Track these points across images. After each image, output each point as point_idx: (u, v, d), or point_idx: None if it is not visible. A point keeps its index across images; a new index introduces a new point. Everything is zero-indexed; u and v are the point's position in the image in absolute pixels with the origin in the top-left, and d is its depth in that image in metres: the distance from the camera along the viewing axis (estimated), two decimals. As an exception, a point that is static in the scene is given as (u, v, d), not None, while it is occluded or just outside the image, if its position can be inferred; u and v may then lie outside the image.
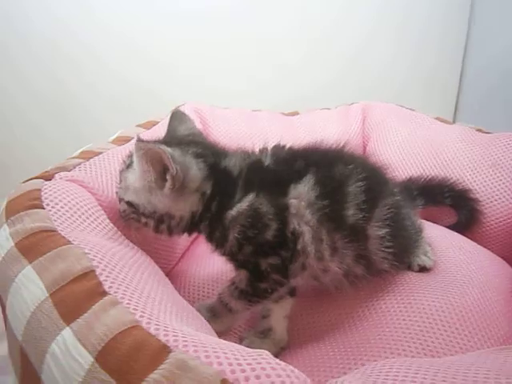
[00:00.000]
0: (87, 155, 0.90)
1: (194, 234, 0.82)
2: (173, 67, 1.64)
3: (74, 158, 0.88)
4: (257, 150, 0.81)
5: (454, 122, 1.39)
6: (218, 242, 0.75)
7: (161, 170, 0.70)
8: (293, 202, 0.71)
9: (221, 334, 0.80)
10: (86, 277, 0.53)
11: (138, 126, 1.13)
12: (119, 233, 0.75)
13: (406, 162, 1.22)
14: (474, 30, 1.73)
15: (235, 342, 0.80)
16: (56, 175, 0.78)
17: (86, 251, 0.57)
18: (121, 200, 0.77)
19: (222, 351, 0.43)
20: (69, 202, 0.70)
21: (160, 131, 0.96)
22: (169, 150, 0.69)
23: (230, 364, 0.41)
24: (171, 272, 1.01)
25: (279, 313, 0.81)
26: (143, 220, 0.75)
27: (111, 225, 0.76)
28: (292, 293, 0.82)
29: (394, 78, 1.78)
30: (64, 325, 0.47)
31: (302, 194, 0.71)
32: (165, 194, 0.71)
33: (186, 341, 0.44)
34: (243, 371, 0.40)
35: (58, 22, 1.51)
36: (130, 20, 1.58)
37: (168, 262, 1.00)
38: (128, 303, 0.50)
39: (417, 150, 1.21)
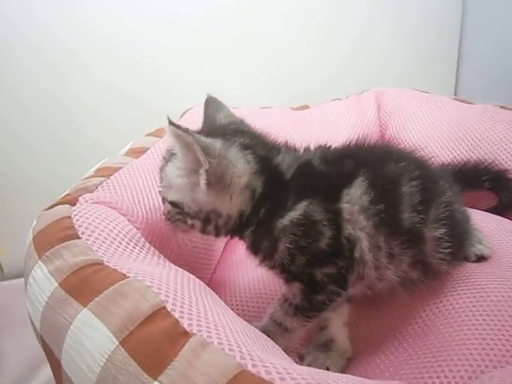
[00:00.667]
0: (106, 172, 0.81)
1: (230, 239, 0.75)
2: (169, 73, 1.55)
3: (91, 177, 0.80)
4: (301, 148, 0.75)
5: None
6: (266, 252, 0.68)
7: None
8: (346, 206, 0.65)
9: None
10: (159, 315, 0.45)
11: (148, 135, 1.04)
12: (158, 253, 0.67)
13: (432, 148, 1.16)
14: (469, 11, 1.71)
15: (295, 361, 0.76)
16: (80, 198, 0.70)
17: (148, 284, 0.49)
18: (164, 200, 0.70)
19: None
20: (105, 227, 0.62)
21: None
22: (207, 140, 0.62)
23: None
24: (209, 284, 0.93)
25: (338, 321, 0.75)
26: (189, 221, 0.68)
27: (151, 247, 0.68)
28: (349, 299, 0.76)
29: (394, 64, 1.74)
30: (151, 379, 0.39)
31: (354, 199, 0.65)
32: (202, 190, 0.64)
33: (308, 383, 0.37)
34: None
35: (43, 28, 1.40)
36: (121, 26, 1.48)
37: (206, 273, 0.92)
38: (219, 342, 0.42)
39: (442, 133, 1.16)
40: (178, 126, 0.59)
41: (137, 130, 1.08)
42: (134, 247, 0.62)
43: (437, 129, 1.18)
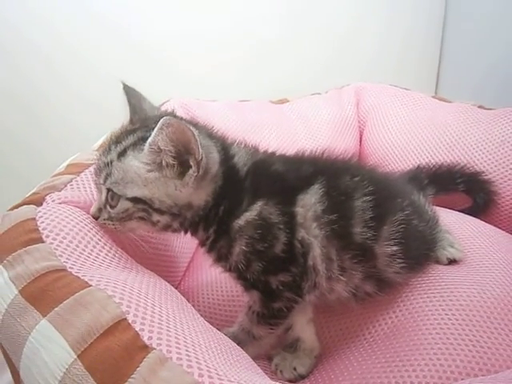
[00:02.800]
0: (76, 169, 0.79)
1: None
2: (154, 62, 1.51)
3: (61, 174, 0.77)
4: (256, 145, 0.74)
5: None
6: (222, 252, 0.68)
7: (179, 155, 0.60)
8: (300, 210, 0.65)
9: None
10: (119, 328, 0.44)
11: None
12: (126, 256, 0.66)
13: (410, 146, 1.16)
14: (451, 10, 1.71)
15: (265, 362, 0.76)
16: (47, 197, 0.67)
17: (110, 293, 0.48)
18: (116, 198, 0.63)
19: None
20: (70, 230, 0.60)
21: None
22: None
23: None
24: (178, 288, 0.92)
25: (302, 320, 0.76)
26: (155, 218, 0.63)
27: (118, 249, 0.66)
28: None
29: (377, 61, 1.73)
30: (107, 396, 0.38)
31: (308, 205, 0.66)
32: (185, 182, 0.61)
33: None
34: None
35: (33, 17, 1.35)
36: (108, 11, 1.44)
37: (175, 276, 0.92)
38: (178, 358, 0.41)
39: (419, 131, 1.16)
40: (175, 116, 0.58)
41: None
42: (100, 251, 0.60)
43: (415, 127, 1.18)
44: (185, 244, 0.95)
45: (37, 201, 0.66)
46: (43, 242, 0.56)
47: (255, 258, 0.65)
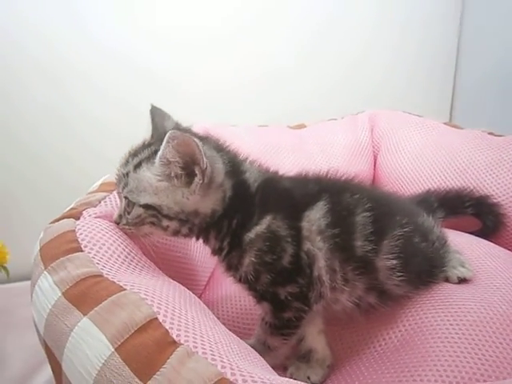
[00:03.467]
0: (108, 188, 0.86)
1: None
2: (171, 85, 1.59)
3: (95, 192, 0.85)
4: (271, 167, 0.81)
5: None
6: (233, 263, 0.73)
7: (186, 165, 0.67)
8: (305, 225, 0.71)
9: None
10: (151, 325, 0.50)
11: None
12: (154, 266, 0.72)
13: (421, 170, 1.21)
14: (465, 35, 1.76)
15: (279, 372, 0.80)
16: (84, 212, 0.75)
17: (142, 296, 0.54)
18: (131, 205, 0.70)
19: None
20: (106, 241, 0.67)
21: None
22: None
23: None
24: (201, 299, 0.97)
25: (313, 331, 0.80)
26: (165, 223, 0.70)
27: (147, 260, 0.72)
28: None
29: (393, 84, 1.80)
30: (141, 383, 0.43)
31: (313, 220, 0.71)
32: (192, 190, 0.68)
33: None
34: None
35: (44, 41, 1.43)
36: (120, 36, 1.53)
37: (198, 288, 0.97)
38: (203, 352, 0.47)
39: (431, 157, 1.21)
40: (179, 129, 0.65)
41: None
42: (131, 260, 0.67)
43: (426, 152, 1.23)
44: (206, 259, 1.01)
45: (75, 215, 0.73)
46: (82, 251, 0.63)
47: (264, 270, 0.70)
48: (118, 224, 0.72)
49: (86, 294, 0.55)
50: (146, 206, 0.69)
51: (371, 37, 1.78)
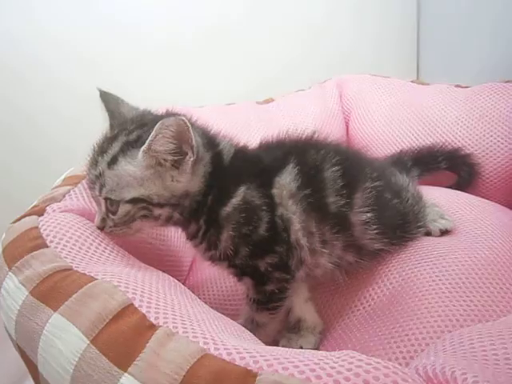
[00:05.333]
0: (73, 181, 0.82)
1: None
2: (136, 76, 1.54)
3: (59, 186, 0.80)
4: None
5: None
6: (212, 240, 0.70)
7: (177, 148, 0.64)
8: (275, 191, 0.70)
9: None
10: (126, 312, 0.47)
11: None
12: (128, 255, 0.69)
13: (393, 131, 1.20)
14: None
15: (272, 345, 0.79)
16: (47, 208, 0.71)
17: (115, 283, 0.51)
18: (115, 204, 0.65)
19: (310, 362, 0.39)
20: (73, 234, 0.63)
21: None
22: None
23: (330, 375, 0.37)
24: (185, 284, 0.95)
25: (300, 300, 0.79)
26: (157, 212, 0.66)
27: (120, 249, 0.69)
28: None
29: (356, 50, 1.77)
30: (121, 372, 0.41)
31: (283, 185, 0.70)
32: (183, 170, 0.65)
33: (267, 359, 0.40)
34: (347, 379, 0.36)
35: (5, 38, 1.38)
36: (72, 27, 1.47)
37: (180, 273, 0.95)
38: (184, 331, 0.44)
39: (401, 116, 1.20)
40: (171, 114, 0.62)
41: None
42: (103, 251, 0.63)
43: (396, 112, 1.22)
44: (185, 244, 0.98)
45: (38, 212, 0.69)
46: (48, 246, 0.59)
47: (242, 242, 0.68)
48: (101, 229, 0.68)
49: (54, 289, 0.51)
50: (134, 201, 0.65)
51: (331, 2, 1.75)
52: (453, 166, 1.08)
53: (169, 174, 0.65)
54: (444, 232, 0.86)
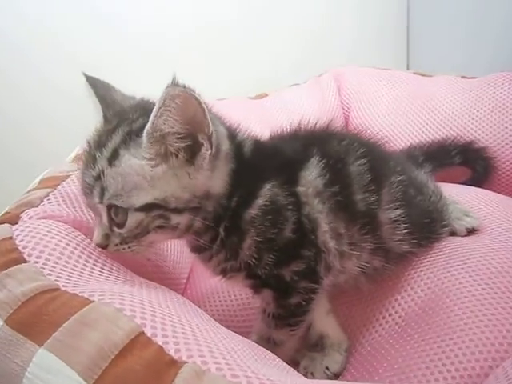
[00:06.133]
0: (51, 183, 0.70)
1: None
2: (120, 75, 1.42)
3: (35, 189, 0.68)
4: None
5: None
6: (233, 249, 0.59)
7: (187, 134, 0.51)
8: (300, 189, 0.60)
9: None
10: (137, 344, 0.36)
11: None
12: (124, 268, 0.58)
13: (398, 125, 1.13)
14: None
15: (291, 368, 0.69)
16: (22, 215, 0.59)
17: (118, 306, 0.40)
18: (122, 213, 0.53)
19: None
20: (56, 245, 0.52)
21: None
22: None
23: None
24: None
25: (321, 313, 0.70)
26: (175, 221, 0.54)
27: (114, 262, 0.58)
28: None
29: (344, 43, 1.71)
30: (138, 430, 0.30)
31: (309, 182, 0.61)
32: (199, 165, 0.53)
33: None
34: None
35: None
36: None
37: (178, 285, 0.83)
38: (218, 368, 0.34)
39: (407, 109, 1.13)
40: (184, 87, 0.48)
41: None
42: (94, 265, 0.52)
43: (401, 105, 1.15)
44: (182, 253, 0.87)
45: (11, 219, 0.57)
46: (26, 261, 0.48)
47: (266, 248, 0.57)
48: (104, 248, 0.55)
49: (38, 317, 0.40)
50: (147, 207, 0.52)
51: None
52: (467, 161, 1.01)
53: (184, 171, 0.53)
54: (470, 231, 0.78)
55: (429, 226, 0.74)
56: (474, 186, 0.98)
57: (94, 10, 1.42)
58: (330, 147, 0.65)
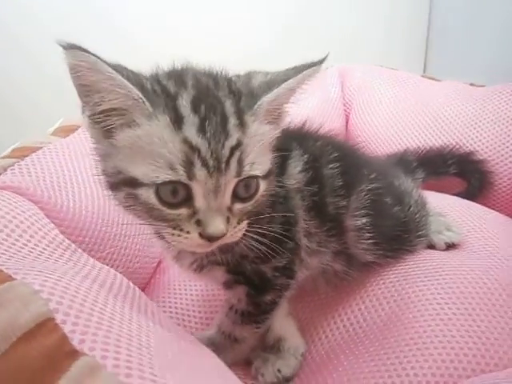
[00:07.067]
0: (21, 153, 0.69)
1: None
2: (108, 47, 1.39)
3: (4, 157, 0.67)
4: None
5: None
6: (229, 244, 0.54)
7: None
8: (287, 181, 0.59)
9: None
10: (42, 329, 0.34)
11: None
12: (75, 248, 0.56)
13: (398, 128, 1.08)
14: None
15: (243, 367, 0.67)
16: (-20, 183, 0.58)
17: (36, 287, 0.38)
18: (253, 184, 0.48)
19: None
20: (2, 217, 0.50)
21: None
22: None
23: None
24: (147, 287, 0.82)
25: (280, 315, 0.68)
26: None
27: (65, 240, 0.57)
28: None
29: (363, 40, 1.65)
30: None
31: (292, 175, 0.60)
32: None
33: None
34: None
35: None
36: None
37: (143, 276, 0.82)
38: (115, 365, 0.32)
39: (408, 113, 1.08)
40: None
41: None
42: (39, 241, 0.51)
43: (403, 107, 1.10)
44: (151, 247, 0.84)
45: (-33, 186, 0.56)
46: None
47: (257, 243, 0.53)
48: (221, 237, 0.47)
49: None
50: (269, 173, 0.50)
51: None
52: (463, 172, 0.97)
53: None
54: (450, 246, 0.75)
55: (400, 238, 0.71)
56: (468, 199, 0.93)
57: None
58: (307, 145, 0.63)
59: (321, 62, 0.48)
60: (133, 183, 0.44)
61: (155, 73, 0.49)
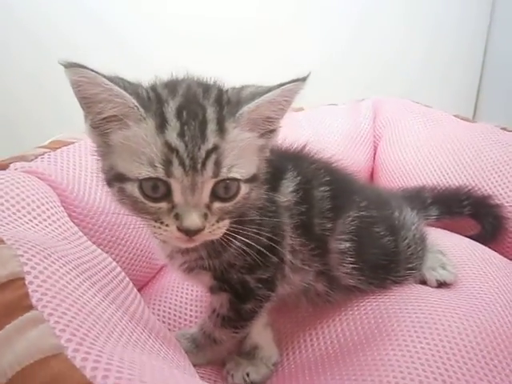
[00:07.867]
0: (55, 145, 0.79)
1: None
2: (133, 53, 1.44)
3: (40, 147, 0.78)
4: None
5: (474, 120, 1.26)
6: (215, 248, 0.59)
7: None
8: (279, 199, 0.63)
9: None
10: (12, 285, 0.41)
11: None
12: (80, 234, 0.64)
13: (423, 164, 1.08)
14: (496, 20, 1.61)
15: (218, 368, 0.71)
16: (11, 165, 0.67)
17: (19, 253, 0.45)
18: (233, 187, 0.51)
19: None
20: (17, 195, 0.59)
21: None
22: None
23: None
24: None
25: (259, 325, 0.71)
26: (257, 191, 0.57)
27: (71, 224, 0.64)
28: None
29: (405, 71, 1.66)
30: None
31: (285, 194, 0.64)
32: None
33: (119, 377, 0.32)
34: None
35: None
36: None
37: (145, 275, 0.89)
38: (56, 321, 0.38)
39: (434, 150, 1.08)
40: None
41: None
42: (44, 219, 0.59)
43: (430, 144, 1.10)
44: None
45: (1, 166, 0.66)
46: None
47: (245, 252, 0.57)
48: (198, 232, 0.50)
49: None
50: (253, 178, 0.53)
51: (405, 36, 1.66)
52: (477, 215, 0.95)
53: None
54: (442, 284, 0.75)
55: (387, 268, 0.72)
56: (481, 242, 0.91)
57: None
58: (302, 166, 0.67)
59: (304, 79, 0.51)
60: (121, 178, 0.51)
61: (154, 82, 0.56)
